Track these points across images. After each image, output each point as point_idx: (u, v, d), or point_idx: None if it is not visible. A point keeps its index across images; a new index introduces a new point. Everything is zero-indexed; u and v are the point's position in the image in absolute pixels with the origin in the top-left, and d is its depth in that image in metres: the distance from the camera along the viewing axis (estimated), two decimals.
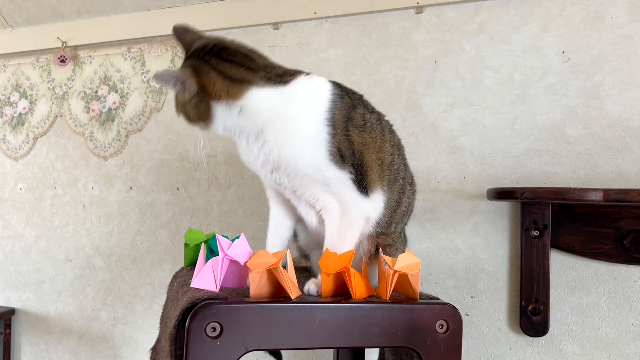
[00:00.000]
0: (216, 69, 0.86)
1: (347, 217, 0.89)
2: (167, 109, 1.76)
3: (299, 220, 1.00)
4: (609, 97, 1.31)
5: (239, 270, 0.86)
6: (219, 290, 0.80)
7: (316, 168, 0.86)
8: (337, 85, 0.93)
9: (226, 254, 0.80)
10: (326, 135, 0.86)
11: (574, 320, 1.31)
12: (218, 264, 0.80)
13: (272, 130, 0.86)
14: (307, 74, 0.92)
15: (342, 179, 0.87)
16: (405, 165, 1.01)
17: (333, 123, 0.87)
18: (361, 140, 0.89)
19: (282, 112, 0.86)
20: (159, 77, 0.85)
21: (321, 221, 0.92)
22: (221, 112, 0.87)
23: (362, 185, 0.88)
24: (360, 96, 0.97)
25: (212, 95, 0.86)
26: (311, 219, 0.94)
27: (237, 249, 0.82)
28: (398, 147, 0.99)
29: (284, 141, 0.86)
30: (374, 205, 0.91)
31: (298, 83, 0.89)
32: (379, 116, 0.97)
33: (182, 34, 0.94)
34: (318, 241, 0.97)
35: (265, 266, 0.76)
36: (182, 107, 0.89)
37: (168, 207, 1.74)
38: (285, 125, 0.86)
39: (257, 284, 0.77)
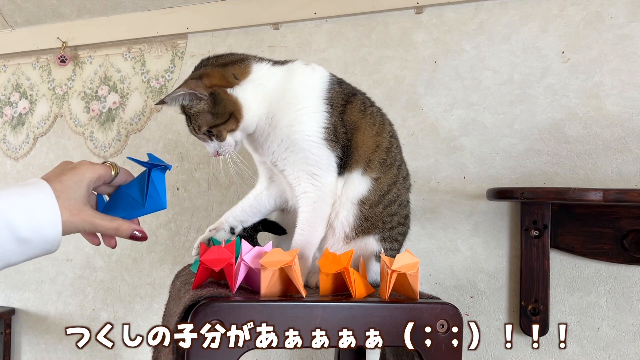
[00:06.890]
0: (215, 65, 0.91)
1: (321, 206, 0.92)
2: (167, 109, 1.75)
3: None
4: (608, 97, 1.31)
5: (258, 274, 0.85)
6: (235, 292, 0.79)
7: (311, 142, 0.90)
8: (337, 77, 0.99)
9: (243, 259, 0.79)
10: (324, 113, 0.91)
11: (574, 320, 1.31)
12: (235, 268, 0.79)
13: (276, 105, 0.91)
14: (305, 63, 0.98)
15: (329, 162, 0.91)
16: (402, 159, 1.04)
17: (331, 103, 0.92)
18: (357, 122, 0.94)
19: (284, 87, 0.91)
20: (169, 99, 0.87)
21: (295, 206, 0.95)
22: (243, 94, 0.89)
23: (345, 166, 0.93)
24: (364, 93, 1.03)
25: (225, 85, 0.88)
26: (290, 199, 0.99)
27: (254, 254, 0.80)
28: (396, 140, 1.02)
29: (285, 113, 0.90)
30: (352, 185, 0.94)
31: (296, 65, 0.95)
32: (381, 110, 1.02)
33: None
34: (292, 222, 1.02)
35: (280, 264, 0.76)
36: (205, 118, 0.89)
37: (168, 207, 1.74)
38: (287, 99, 0.91)
39: (269, 282, 0.77)
